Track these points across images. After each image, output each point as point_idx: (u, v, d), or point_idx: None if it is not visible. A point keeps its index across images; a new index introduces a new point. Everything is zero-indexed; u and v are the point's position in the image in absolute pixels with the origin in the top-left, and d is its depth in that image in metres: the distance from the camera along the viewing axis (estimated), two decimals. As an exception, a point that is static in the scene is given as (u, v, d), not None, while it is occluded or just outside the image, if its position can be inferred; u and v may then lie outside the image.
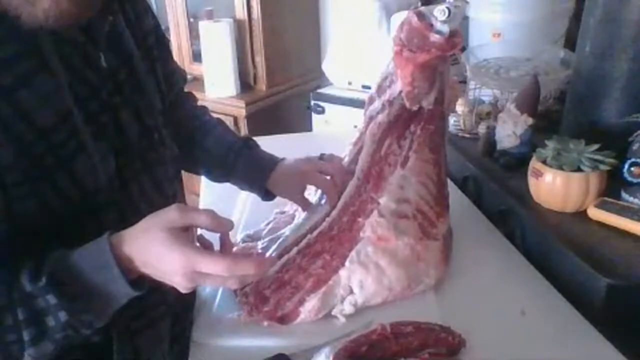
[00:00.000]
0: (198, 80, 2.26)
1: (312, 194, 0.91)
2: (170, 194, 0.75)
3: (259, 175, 0.88)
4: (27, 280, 0.54)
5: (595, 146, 0.88)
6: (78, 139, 0.58)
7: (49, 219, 0.58)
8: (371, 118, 0.83)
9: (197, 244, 0.59)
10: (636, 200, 0.88)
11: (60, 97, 0.57)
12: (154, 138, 0.72)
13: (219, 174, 0.92)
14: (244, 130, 2.07)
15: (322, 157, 0.87)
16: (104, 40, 0.64)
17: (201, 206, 1.07)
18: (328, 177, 0.84)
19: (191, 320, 0.77)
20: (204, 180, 1.18)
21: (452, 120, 1.24)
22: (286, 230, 0.85)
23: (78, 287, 0.55)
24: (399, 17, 1.74)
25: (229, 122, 2.03)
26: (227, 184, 0.92)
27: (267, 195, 0.89)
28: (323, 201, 0.86)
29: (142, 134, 0.69)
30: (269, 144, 0.93)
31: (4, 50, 0.52)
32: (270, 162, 0.88)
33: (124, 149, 0.66)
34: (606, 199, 0.88)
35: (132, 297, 0.57)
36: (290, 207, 0.96)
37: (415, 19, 0.74)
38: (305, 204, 0.88)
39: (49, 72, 0.56)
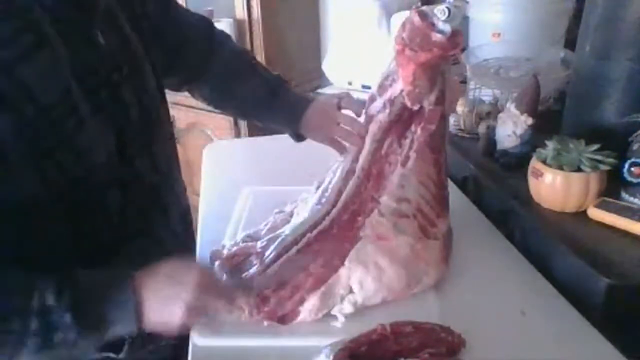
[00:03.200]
0: (198, 80, 2.26)
1: (312, 192, 0.91)
2: (166, 170, 0.77)
3: (290, 118, 0.92)
4: (51, 293, 0.55)
5: (595, 146, 0.88)
6: (78, 114, 0.59)
7: (53, 196, 0.58)
8: (371, 117, 0.83)
9: None
10: (636, 200, 0.88)
11: (60, 72, 0.57)
12: (151, 117, 0.74)
13: (252, 118, 0.99)
14: (243, 130, 2.07)
15: (340, 104, 0.89)
16: (100, 18, 0.64)
17: (201, 206, 1.07)
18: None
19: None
20: (204, 180, 1.18)
21: (452, 120, 1.24)
22: (285, 229, 0.85)
23: (93, 314, 0.57)
24: (399, 17, 1.74)
25: (228, 122, 2.03)
26: (228, 185, 0.92)
27: (299, 137, 0.94)
28: (321, 202, 0.86)
29: (141, 113, 0.71)
30: (269, 143, 0.94)
31: (3, 26, 0.53)
32: (301, 105, 0.91)
33: (125, 126, 0.67)
34: (606, 199, 0.88)
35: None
36: (289, 206, 0.96)
37: (417, 18, 0.74)
38: (338, 148, 0.89)
39: (49, 47, 0.56)
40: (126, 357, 0.72)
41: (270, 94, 0.93)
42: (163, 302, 0.61)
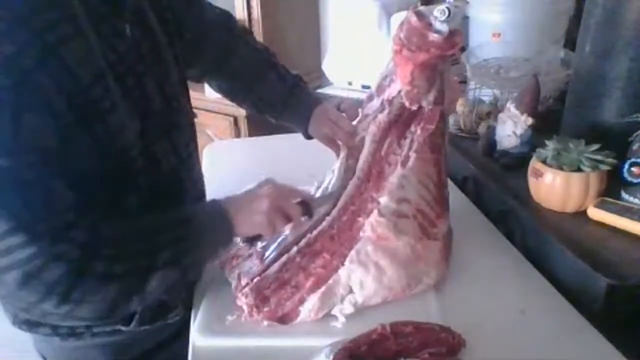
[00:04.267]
0: (198, 80, 2.26)
1: (311, 192, 0.91)
2: (185, 156, 0.82)
3: (302, 117, 0.96)
4: (165, 214, 0.68)
5: (595, 146, 0.88)
6: (111, 97, 0.65)
7: (93, 167, 0.65)
8: (367, 115, 0.83)
9: None
10: (636, 200, 0.88)
11: (94, 59, 0.64)
12: (172, 106, 0.79)
13: (267, 114, 1.01)
14: (243, 130, 2.07)
15: (340, 107, 0.92)
16: (129, 14, 0.71)
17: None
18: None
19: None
20: (204, 180, 1.17)
21: (452, 120, 1.24)
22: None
23: (200, 224, 0.70)
24: (399, 17, 1.74)
25: (228, 122, 2.03)
26: (228, 185, 0.92)
27: (309, 135, 0.97)
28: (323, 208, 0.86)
29: (162, 101, 0.76)
30: (269, 143, 0.94)
31: (50, 13, 0.60)
32: (312, 105, 0.95)
33: (147, 113, 0.73)
34: (606, 199, 0.88)
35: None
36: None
37: (414, 19, 0.74)
38: (335, 149, 0.92)
39: (84, 37, 0.63)
40: (134, 330, 0.78)
41: (287, 92, 0.96)
42: (248, 215, 0.72)
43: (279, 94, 0.97)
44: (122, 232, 0.64)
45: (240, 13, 2.09)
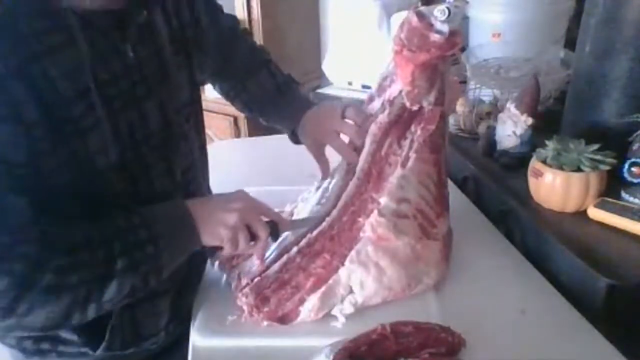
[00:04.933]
0: (198, 80, 2.26)
1: (311, 192, 0.91)
2: (182, 181, 0.78)
3: (291, 119, 0.92)
4: (122, 219, 0.63)
5: (595, 146, 0.88)
6: (95, 115, 0.62)
7: (63, 182, 0.61)
8: (370, 116, 0.83)
9: None
10: (636, 200, 0.88)
11: (80, 74, 0.60)
12: (173, 130, 0.75)
13: (257, 115, 0.99)
14: (243, 130, 2.07)
15: (344, 113, 0.86)
16: (135, 31, 0.67)
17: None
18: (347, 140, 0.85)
19: (191, 303, 0.79)
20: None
21: (452, 120, 1.24)
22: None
23: (161, 229, 0.65)
24: (399, 17, 1.74)
25: (228, 122, 2.03)
26: (228, 185, 0.92)
27: (297, 139, 0.93)
28: (321, 202, 0.86)
29: (161, 125, 0.72)
30: (269, 144, 0.94)
31: (40, 21, 0.57)
32: (303, 107, 0.92)
33: (144, 137, 0.69)
34: (606, 199, 0.88)
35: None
36: (289, 206, 0.96)
37: (415, 19, 0.74)
38: (323, 166, 0.90)
39: (75, 49, 0.60)
40: (104, 355, 0.73)
41: (277, 92, 0.94)
42: (214, 226, 0.68)
43: (268, 92, 0.95)
44: (76, 240, 0.60)
45: (240, 13, 2.09)
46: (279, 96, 0.94)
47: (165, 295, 0.77)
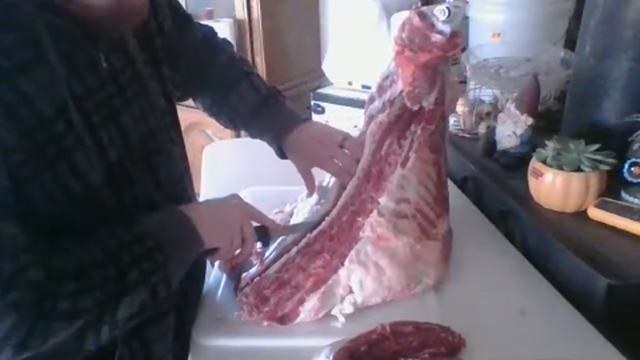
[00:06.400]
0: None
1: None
2: (172, 192, 0.75)
3: (277, 132, 0.89)
4: (122, 232, 0.61)
5: (595, 146, 0.88)
6: (76, 132, 0.58)
7: (52, 207, 0.58)
8: (371, 117, 0.83)
9: None
10: (636, 200, 0.88)
11: (57, 89, 0.57)
12: (157, 140, 0.72)
13: (241, 128, 0.97)
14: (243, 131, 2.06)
15: (343, 144, 0.85)
16: (106, 42, 0.64)
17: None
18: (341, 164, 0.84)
19: (193, 317, 0.77)
20: (204, 180, 1.18)
21: (452, 120, 1.24)
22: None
23: (165, 235, 0.63)
24: (399, 17, 1.75)
25: (228, 122, 2.03)
26: (228, 185, 0.92)
27: (283, 153, 0.91)
28: (320, 202, 0.86)
29: (145, 135, 0.69)
30: (268, 143, 0.93)
31: (6, 34, 0.53)
32: (291, 121, 0.89)
33: (126, 150, 0.66)
34: (606, 199, 0.88)
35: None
36: (289, 206, 0.96)
37: (416, 19, 0.74)
38: (309, 183, 0.89)
39: (47, 64, 0.56)
40: None
41: (261, 106, 0.90)
42: (213, 225, 0.68)
43: (251, 106, 0.90)
44: (81, 260, 0.57)
45: (240, 13, 2.09)
46: (263, 110, 0.90)
47: (169, 313, 0.74)
